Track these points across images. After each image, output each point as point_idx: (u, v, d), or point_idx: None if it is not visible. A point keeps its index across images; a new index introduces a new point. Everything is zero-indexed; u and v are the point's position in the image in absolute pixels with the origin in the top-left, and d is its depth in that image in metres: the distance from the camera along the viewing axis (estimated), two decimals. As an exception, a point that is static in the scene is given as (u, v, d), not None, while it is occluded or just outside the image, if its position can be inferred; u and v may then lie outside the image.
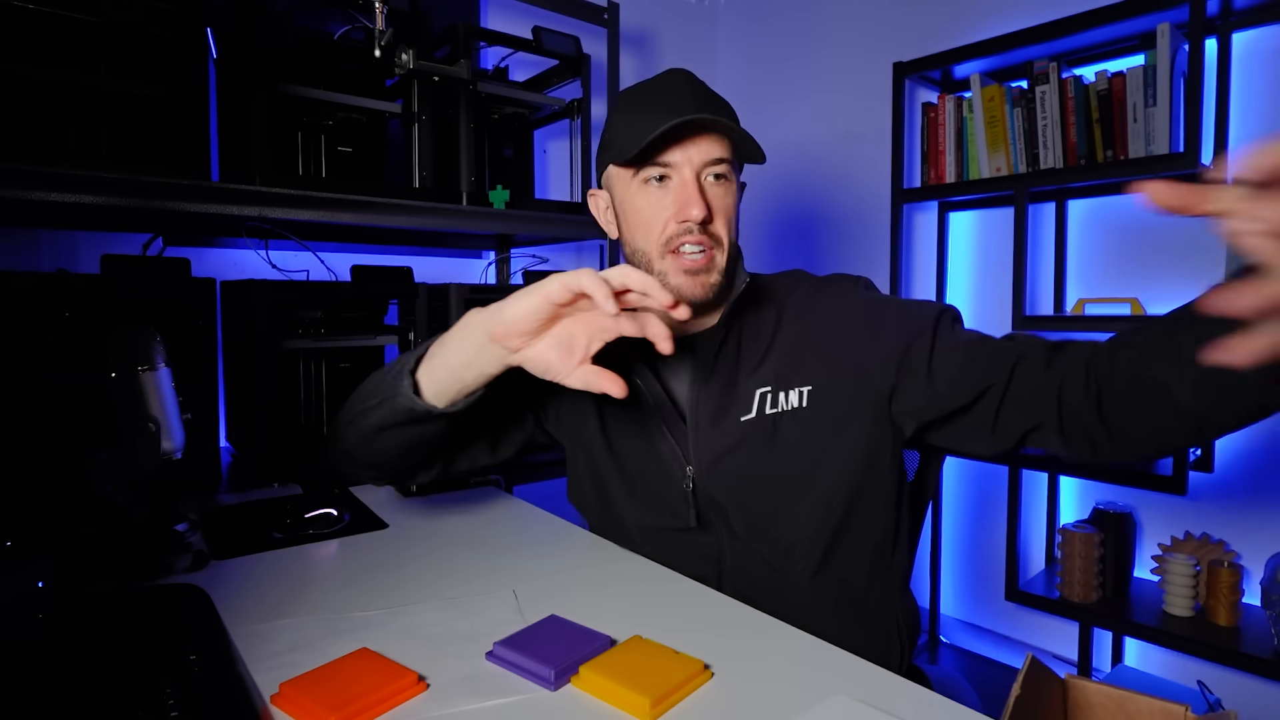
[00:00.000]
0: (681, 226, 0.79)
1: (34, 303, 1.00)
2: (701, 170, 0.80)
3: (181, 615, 0.69)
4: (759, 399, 0.83)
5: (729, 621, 0.72)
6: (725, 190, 0.82)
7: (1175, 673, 1.64)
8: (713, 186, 0.81)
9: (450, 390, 0.76)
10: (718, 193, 0.81)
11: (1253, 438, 1.54)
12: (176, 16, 1.06)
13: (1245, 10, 1.49)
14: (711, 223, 0.80)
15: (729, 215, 0.82)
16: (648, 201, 0.81)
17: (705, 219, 0.79)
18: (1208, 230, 1.55)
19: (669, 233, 0.80)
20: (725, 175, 0.81)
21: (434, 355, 0.76)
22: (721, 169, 0.81)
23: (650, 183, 0.81)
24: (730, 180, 0.82)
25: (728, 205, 0.81)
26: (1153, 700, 0.54)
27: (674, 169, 0.80)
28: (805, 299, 0.88)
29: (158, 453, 0.88)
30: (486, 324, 0.71)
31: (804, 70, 2.34)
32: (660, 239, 0.80)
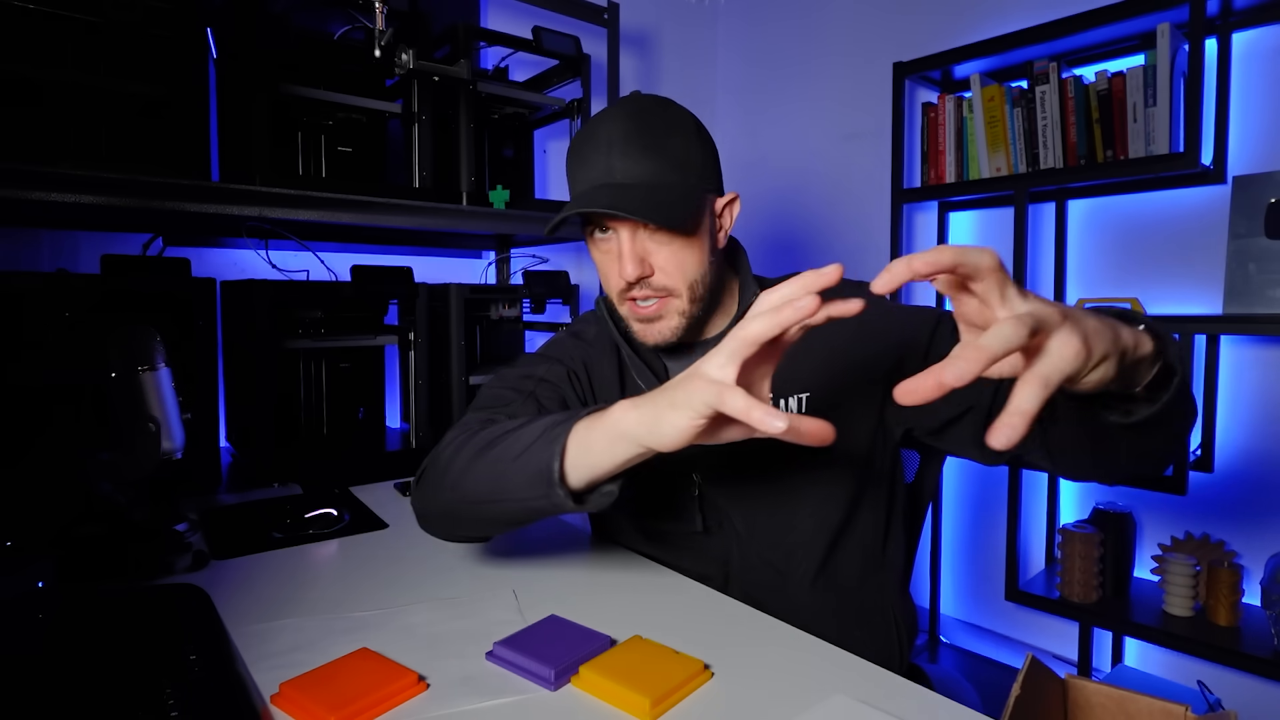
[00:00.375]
0: (625, 281, 0.79)
1: (34, 303, 1.00)
2: (638, 231, 0.78)
3: (181, 615, 0.69)
4: None
5: (729, 621, 0.72)
6: (672, 247, 0.78)
7: (1175, 673, 1.64)
8: (653, 241, 0.78)
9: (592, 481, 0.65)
10: (659, 243, 0.78)
11: (1253, 438, 1.54)
12: (176, 16, 1.07)
13: (1245, 10, 1.49)
14: (653, 276, 0.79)
15: (677, 264, 0.79)
16: (600, 257, 0.83)
17: (645, 275, 0.78)
18: (1208, 231, 1.55)
19: (618, 286, 0.81)
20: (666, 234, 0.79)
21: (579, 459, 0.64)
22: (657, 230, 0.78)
23: (596, 235, 0.82)
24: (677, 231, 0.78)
25: (672, 252, 0.78)
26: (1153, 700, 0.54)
27: (613, 225, 0.79)
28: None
29: (158, 453, 0.88)
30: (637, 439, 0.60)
31: (804, 70, 2.34)
32: (615, 291, 0.82)
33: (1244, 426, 1.55)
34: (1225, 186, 1.53)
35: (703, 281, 0.82)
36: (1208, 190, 1.58)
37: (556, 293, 1.64)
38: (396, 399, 1.60)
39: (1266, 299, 1.38)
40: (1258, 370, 1.54)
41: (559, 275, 1.66)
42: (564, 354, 0.90)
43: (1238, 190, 1.43)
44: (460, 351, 1.45)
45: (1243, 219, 1.42)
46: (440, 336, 1.46)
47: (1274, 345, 1.51)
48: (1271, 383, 1.52)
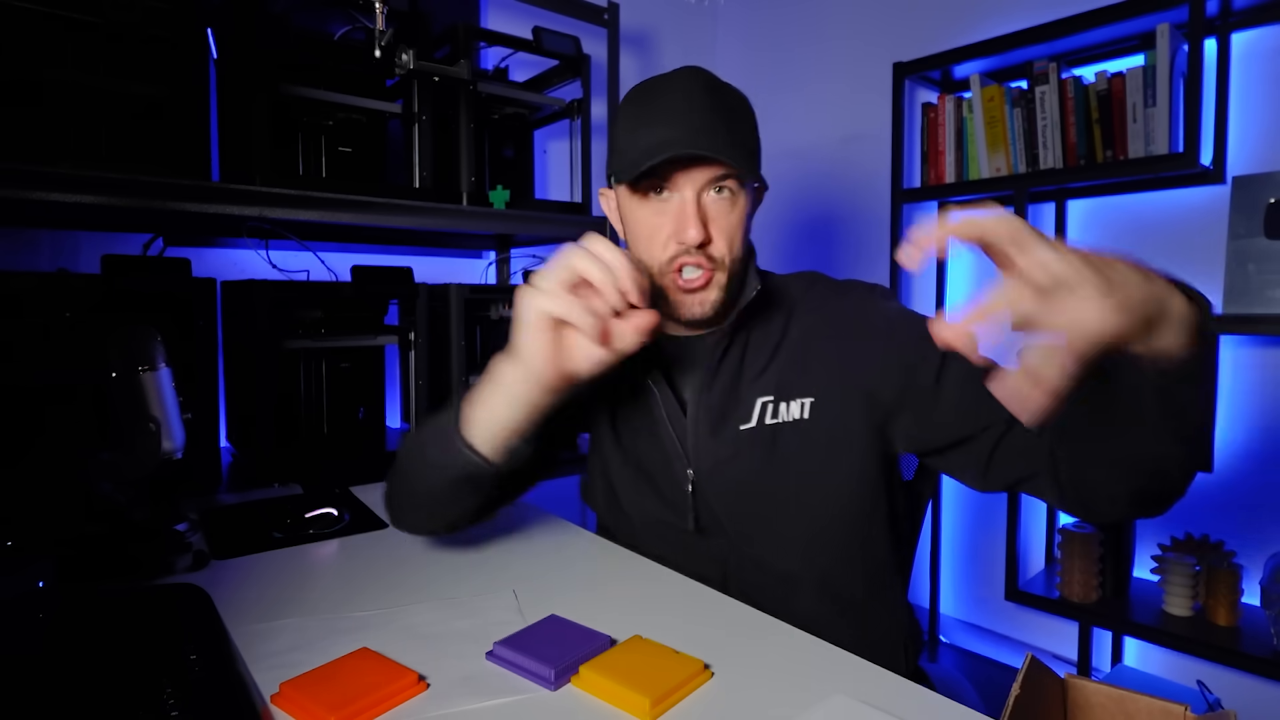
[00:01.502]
0: (679, 248, 0.77)
1: (34, 303, 1.00)
2: (704, 188, 0.78)
3: (181, 615, 0.69)
4: (760, 408, 0.82)
5: (729, 621, 0.72)
6: (729, 206, 0.79)
7: (1175, 673, 1.64)
8: (715, 203, 0.78)
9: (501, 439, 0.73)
10: (720, 210, 0.78)
11: (1253, 438, 1.54)
12: (176, 16, 1.07)
13: (1245, 10, 1.49)
14: (710, 244, 0.78)
15: (731, 233, 0.79)
16: (647, 216, 0.80)
17: (703, 241, 0.77)
18: (1208, 231, 1.55)
19: (668, 253, 0.78)
20: (730, 189, 0.79)
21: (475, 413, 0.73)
22: (726, 183, 0.78)
23: (650, 196, 0.79)
24: (736, 194, 0.79)
25: (731, 223, 0.79)
26: (1152, 700, 0.54)
27: (674, 187, 0.78)
28: (819, 302, 0.87)
29: (158, 453, 0.88)
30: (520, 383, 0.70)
31: (804, 70, 2.34)
32: (660, 257, 0.79)
33: (1244, 426, 1.55)
34: (1225, 186, 1.53)
35: (742, 261, 0.83)
36: (1207, 190, 1.58)
37: (556, 293, 1.64)
38: (396, 399, 1.60)
39: (1266, 299, 1.39)
40: (1258, 370, 1.54)
41: (559, 275, 1.66)
42: None
43: (1237, 190, 1.43)
44: (460, 351, 1.45)
45: (1242, 219, 1.42)
46: (440, 336, 1.45)
47: (1274, 345, 1.51)
48: (1271, 383, 1.52)
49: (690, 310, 0.80)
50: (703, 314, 0.80)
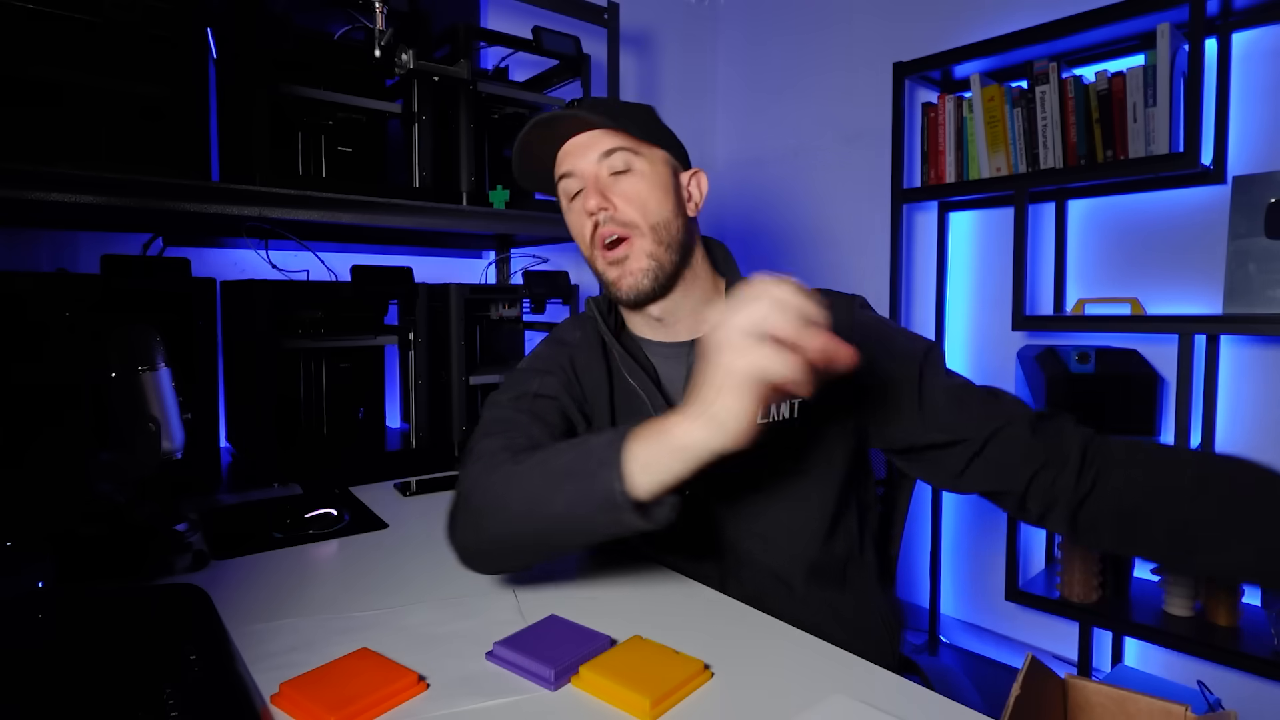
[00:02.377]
0: (590, 220, 0.83)
1: (34, 303, 1.00)
2: (599, 168, 0.83)
3: (181, 615, 0.69)
4: None
5: (729, 621, 0.72)
6: (630, 180, 0.83)
7: (1175, 673, 1.64)
8: (615, 181, 0.83)
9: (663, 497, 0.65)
10: (622, 183, 0.83)
11: (1253, 438, 1.54)
12: (176, 16, 1.06)
13: (1245, 10, 1.49)
14: (615, 210, 0.82)
15: (637, 199, 0.82)
16: (574, 215, 0.87)
17: (607, 208, 0.82)
18: (1208, 231, 1.55)
19: (588, 230, 0.84)
20: (626, 167, 0.83)
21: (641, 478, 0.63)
22: (618, 158, 0.83)
23: (573, 200, 0.87)
24: (635, 169, 0.83)
25: (637, 190, 0.83)
26: (1153, 700, 0.54)
27: (577, 178, 0.85)
28: None
29: (158, 452, 0.88)
30: (709, 447, 0.61)
31: (804, 70, 2.34)
32: (587, 240, 0.85)
33: (1244, 426, 1.55)
34: (1225, 186, 1.53)
35: (667, 229, 0.84)
36: (1208, 190, 1.58)
37: (556, 293, 1.64)
38: (396, 399, 1.60)
39: (1266, 299, 1.38)
40: (1258, 370, 1.54)
41: (559, 275, 1.66)
42: (551, 363, 0.90)
43: (1238, 190, 1.43)
44: (460, 351, 1.45)
45: (1243, 219, 1.42)
46: (440, 336, 1.46)
47: (1274, 345, 1.51)
48: (1271, 383, 1.52)
49: (624, 284, 0.83)
50: (636, 286, 0.83)
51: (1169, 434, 1.60)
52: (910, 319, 2.05)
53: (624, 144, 0.83)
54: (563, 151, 0.86)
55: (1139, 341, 1.66)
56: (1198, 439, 1.58)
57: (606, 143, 0.83)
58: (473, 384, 1.47)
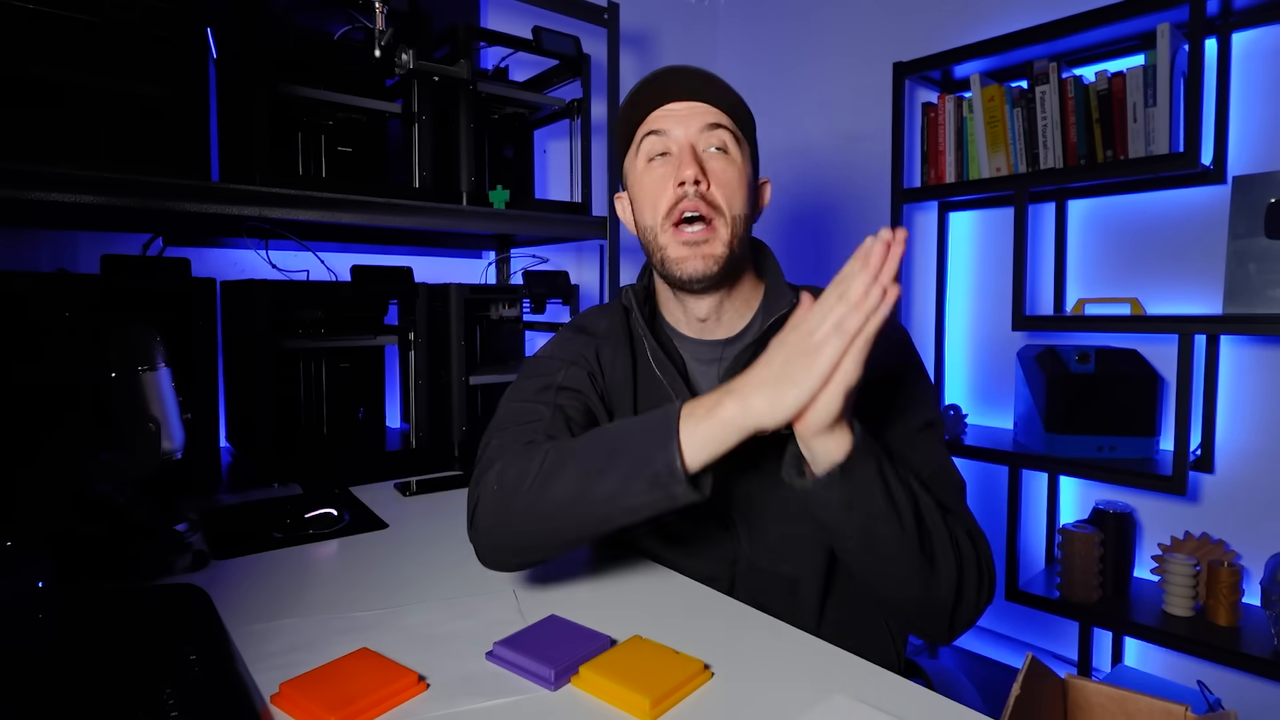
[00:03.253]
0: (679, 191, 0.80)
1: (34, 303, 1.00)
2: (698, 139, 0.81)
3: (181, 615, 0.69)
4: None
5: (729, 621, 0.72)
6: (726, 163, 0.81)
7: (1175, 673, 1.64)
8: (712, 158, 0.81)
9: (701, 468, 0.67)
10: (716, 164, 0.81)
11: (1253, 437, 1.54)
12: (176, 16, 1.07)
13: (1245, 10, 1.49)
14: (708, 188, 0.80)
15: (730, 186, 0.81)
16: (652, 178, 0.82)
17: (701, 183, 0.79)
18: (1208, 231, 1.55)
19: (669, 200, 0.81)
20: (724, 147, 0.81)
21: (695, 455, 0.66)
22: (717, 137, 0.81)
23: (654, 161, 0.83)
24: (732, 154, 0.82)
25: (729, 176, 0.81)
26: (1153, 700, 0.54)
27: (671, 140, 0.81)
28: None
29: (158, 453, 0.88)
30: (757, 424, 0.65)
31: (804, 70, 2.34)
32: (663, 210, 0.81)
33: (1244, 426, 1.55)
34: (1225, 186, 1.53)
35: (744, 223, 0.83)
36: (1208, 190, 1.58)
37: (556, 293, 1.64)
38: (396, 399, 1.60)
39: (1266, 299, 1.38)
40: (1258, 370, 1.54)
41: (559, 275, 1.66)
42: (576, 353, 0.88)
43: (1238, 190, 1.43)
44: (460, 351, 1.45)
45: (1243, 219, 1.42)
46: (440, 336, 1.46)
47: (1274, 345, 1.51)
48: (1271, 383, 1.52)
49: (692, 265, 0.80)
50: (704, 270, 0.80)
51: (1169, 434, 1.61)
52: (910, 319, 2.05)
53: (729, 124, 0.82)
54: (664, 109, 0.82)
55: (1139, 341, 1.66)
56: (1198, 439, 1.58)
57: (712, 116, 0.81)
58: (473, 384, 1.47)
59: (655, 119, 0.82)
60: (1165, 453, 1.60)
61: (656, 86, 0.81)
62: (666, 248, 0.82)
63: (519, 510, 0.71)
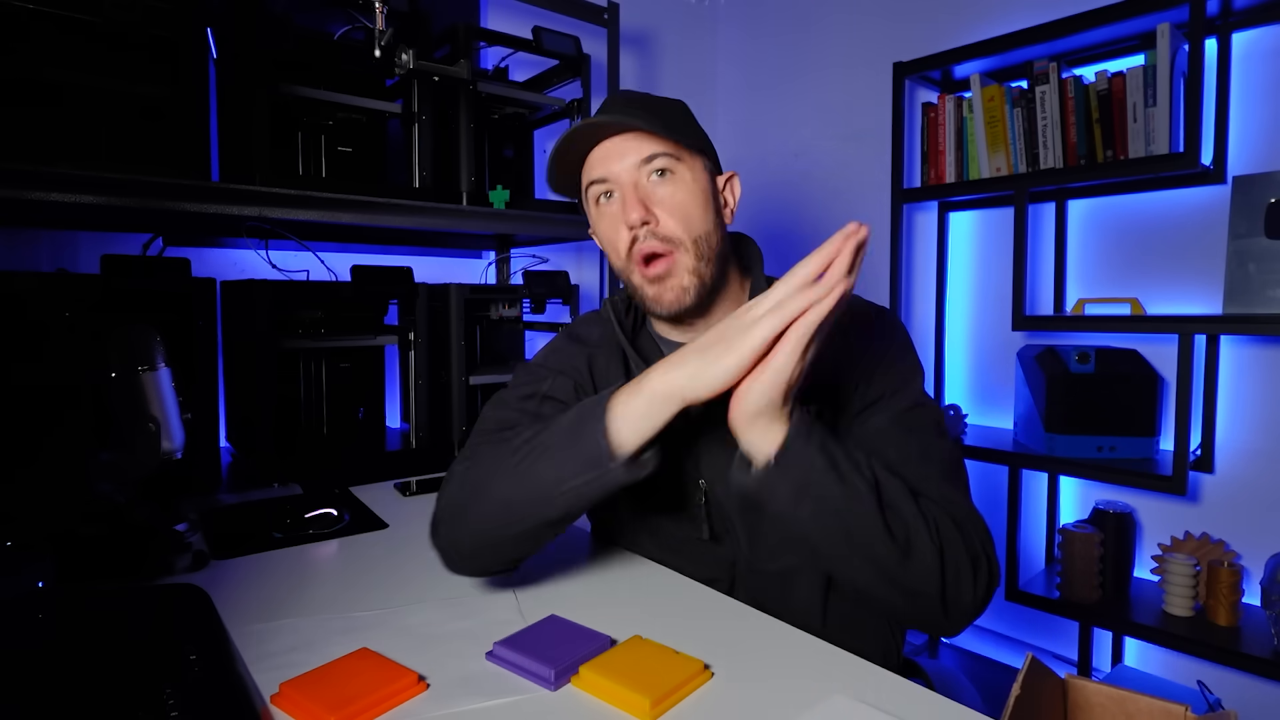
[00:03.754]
0: (629, 233, 0.78)
1: (34, 303, 1.00)
2: (638, 174, 0.78)
3: (181, 615, 0.69)
4: None
5: (729, 621, 0.72)
6: (674, 187, 0.78)
7: (1175, 673, 1.64)
8: (657, 186, 0.78)
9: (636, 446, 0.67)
10: (663, 192, 0.78)
11: (1253, 437, 1.54)
12: (176, 16, 1.06)
13: (1245, 10, 1.49)
14: (657, 224, 0.78)
15: (681, 211, 0.78)
16: (605, 222, 0.81)
17: (650, 221, 0.77)
18: (1208, 231, 1.55)
19: (625, 242, 0.79)
20: (669, 169, 0.78)
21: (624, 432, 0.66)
22: (659, 164, 0.78)
23: (602, 204, 0.81)
24: (679, 175, 0.79)
25: (678, 200, 0.78)
26: (1153, 700, 0.54)
27: (612, 181, 0.79)
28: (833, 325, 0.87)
29: (158, 453, 0.88)
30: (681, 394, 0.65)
31: (804, 70, 2.34)
32: (623, 253, 0.80)
33: (1244, 426, 1.55)
34: (1225, 186, 1.53)
35: (708, 241, 0.80)
36: (1208, 190, 1.58)
37: (556, 293, 1.64)
38: (396, 399, 1.60)
39: (1266, 299, 1.38)
40: (1258, 370, 1.54)
41: (559, 275, 1.66)
42: (566, 364, 0.87)
43: (1238, 190, 1.43)
44: (460, 351, 1.45)
45: (1243, 219, 1.42)
46: (440, 336, 1.46)
47: (1274, 345, 1.51)
48: (1271, 383, 1.52)
49: (663, 300, 0.80)
50: (677, 303, 0.79)
51: (1169, 434, 1.61)
52: (910, 319, 2.05)
53: (665, 149, 0.78)
54: (596, 154, 0.80)
55: (1139, 341, 1.66)
56: (1198, 439, 1.58)
57: (647, 148, 0.77)
58: (473, 384, 1.47)
59: (592, 164, 0.81)
60: (1165, 453, 1.60)
61: (584, 131, 0.79)
62: (640, 288, 0.81)
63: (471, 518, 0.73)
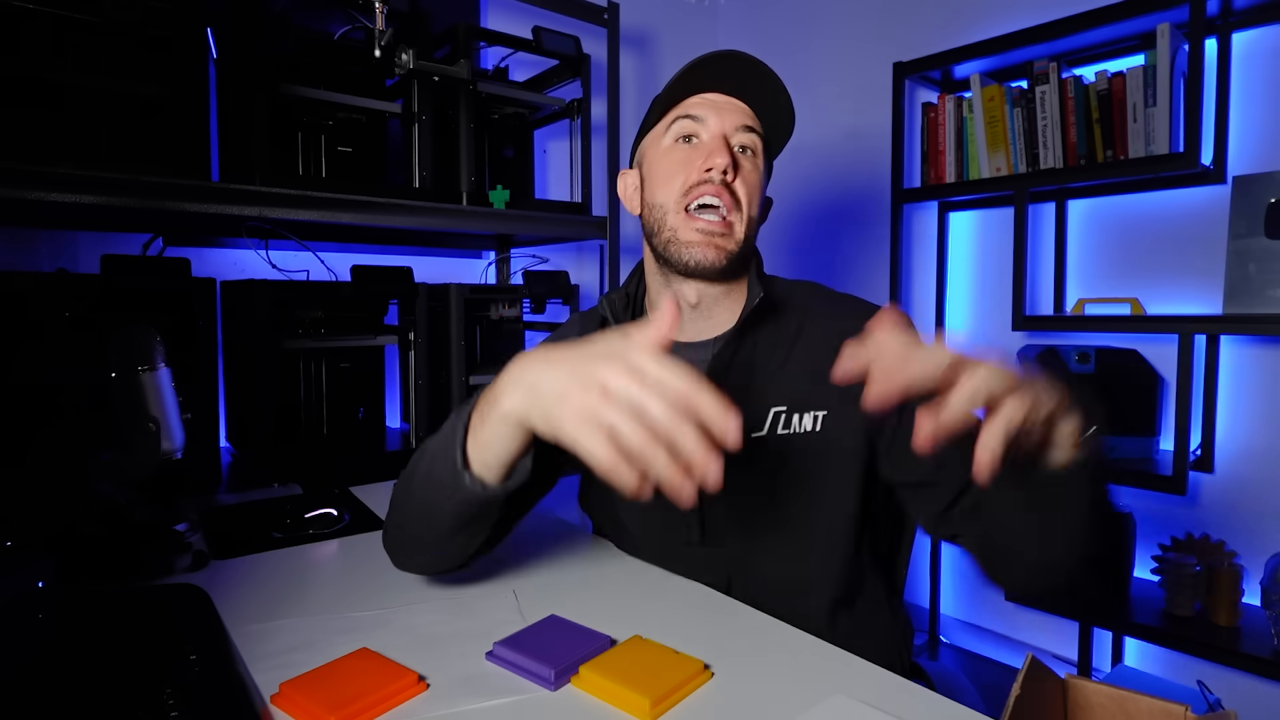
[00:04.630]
0: (704, 175, 0.79)
1: (34, 303, 1.00)
2: (732, 135, 0.81)
3: (181, 615, 0.69)
4: (773, 417, 0.81)
5: (729, 621, 0.72)
6: (751, 165, 0.82)
7: (1175, 673, 1.64)
8: (740, 157, 0.81)
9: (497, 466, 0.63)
10: (745, 164, 0.81)
11: (1253, 438, 1.54)
12: (176, 16, 1.06)
13: (1245, 10, 1.49)
14: (734, 181, 0.79)
15: (752, 187, 0.81)
16: (676, 156, 0.82)
17: (729, 173, 0.79)
18: (1208, 231, 1.55)
19: (691, 181, 0.79)
20: (752, 149, 0.82)
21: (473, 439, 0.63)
22: (749, 139, 0.81)
23: (680, 142, 0.82)
24: (757, 159, 0.83)
25: (753, 180, 0.81)
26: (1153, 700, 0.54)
27: (704, 127, 0.81)
28: (828, 316, 0.86)
29: (158, 453, 0.88)
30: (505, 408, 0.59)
31: (804, 70, 2.34)
32: (681, 190, 0.80)
33: (1244, 426, 1.55)
34: (1225, 186, 1.53)
35: (755, 225, 0.83)
36: (1208, 190, 1.58)
37: (556, 293, 1.64)
38: (396, 399, 1.60)
39: (1266, 299, 1.38)
40: (1258, 370, 1.54)
41: (559, 275, 1.66)
42: None
43: (1238, 190, 1.43)
44: (460, 351, 1.45)
45: (1243, 219, 1.42)
46: (440, 336, 1.46)
47: (1274, 345, 1.51)
48: (1271, 383, 1.52)
49: (701, 253, 0.79)
50: (714, 261, 0.79)
51: (1169, 434, 1.60)
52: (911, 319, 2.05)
53: (759, 130, 0.82)
54: (705, 96, 0.81)
55: (1139, 341, 1.66)
56: (1198, 439, 1.58)
57: (749, 119, 0.81)
58: (473, 384, 1.47)
59: (693, 104, 0.82)
60: (1165, 453, 1.60)
61: (704, 72, 0.80)
62: (677, 229, 0.80)
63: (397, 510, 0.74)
